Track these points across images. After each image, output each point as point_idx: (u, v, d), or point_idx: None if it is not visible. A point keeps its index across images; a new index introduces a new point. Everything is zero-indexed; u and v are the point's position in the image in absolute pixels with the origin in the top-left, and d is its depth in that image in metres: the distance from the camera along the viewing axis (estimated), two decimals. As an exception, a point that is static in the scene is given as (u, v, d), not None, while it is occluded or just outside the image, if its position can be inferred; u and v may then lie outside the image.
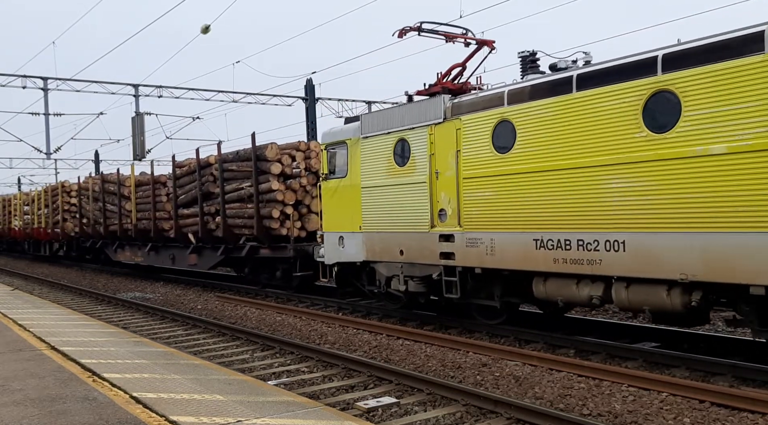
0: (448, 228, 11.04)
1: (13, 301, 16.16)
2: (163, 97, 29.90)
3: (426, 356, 9.85)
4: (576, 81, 9.11)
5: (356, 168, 12.96)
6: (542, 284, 9.75)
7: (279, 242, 17.17)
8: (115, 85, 29.16)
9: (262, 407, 6.26)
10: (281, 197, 16.97)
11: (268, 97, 32.38)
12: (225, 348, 11.30)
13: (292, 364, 9.84)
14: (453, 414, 7.12)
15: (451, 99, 11.18)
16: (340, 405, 7.50)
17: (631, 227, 8.46)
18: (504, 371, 8.76)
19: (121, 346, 9.79)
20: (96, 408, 6.13)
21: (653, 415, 6.77)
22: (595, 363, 8.79)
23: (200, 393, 6.80)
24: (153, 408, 6.11)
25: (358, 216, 12.86)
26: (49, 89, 27.40)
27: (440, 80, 11.79)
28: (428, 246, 11.35)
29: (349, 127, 13.36)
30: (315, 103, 31.02)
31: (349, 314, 14.16)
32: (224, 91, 31.57)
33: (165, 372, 7.88)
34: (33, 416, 5.92)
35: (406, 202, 11.79)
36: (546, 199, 9.46)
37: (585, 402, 7.26)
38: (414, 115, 11.68)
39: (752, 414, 6.70)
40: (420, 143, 11.52)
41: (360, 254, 12.90)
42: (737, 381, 7.83)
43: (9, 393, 6.74)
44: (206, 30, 22.04)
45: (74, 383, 7.15)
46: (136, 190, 24.14)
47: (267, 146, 17.50)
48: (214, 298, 17.82)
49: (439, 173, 11.18)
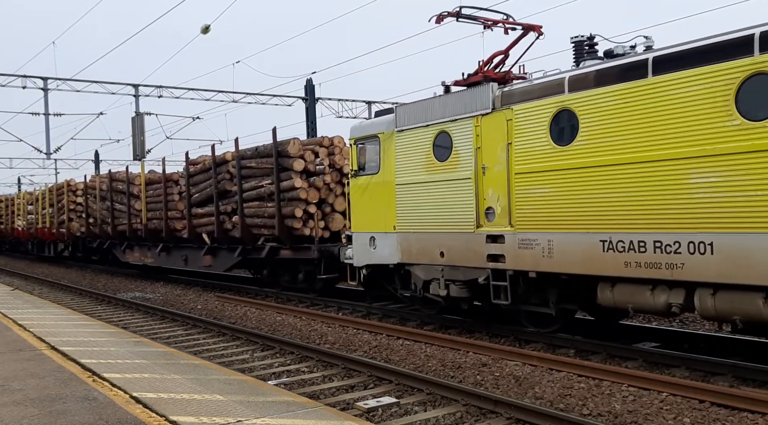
0: (496, 228, 10.17)
1: (13, 301, 16.16)
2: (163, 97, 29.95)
3: (426, 356, 9.84)
4: (652, 65, 8.22)
5: (390, 164, 12.11)
6: (609, 290, 8.83)
7: (301, 242, 16.38)
8: (115, 85, 29.19)
9: (262, 407, 6.26)
10: (304, 196, 16.17)
11: (268, 97, 32.40)
12: (225, 348, 11.29)
13: (292, 364, 9.83)
14: (453, 414, 7.12)
15: (500, 88, 10.31)
16: (340, 405, 7.50)
17: (720, 227, 7.58)
18: (504, 371, 8.76)
19: (121, 346, 9.78)
20: (96, 408, 6.13)
21: (653, 415, 6.76)
22: (595, 363, 8.79)
23: (200, 393, 6.79)
24: (153, 408, 6.10)
25: (392, 215, 12.02)
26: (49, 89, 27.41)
27: (481, 69, 10.91)
28: (473, 248, 10.48)
29: (382, 120, 12.48)
30: (315, 103, 31.03)
31: (349, 314, 14.15)
32: (224, 91, 31.60)
33: (165, 372, 7.88)
34: (33, 416, 5.92)
35: (448, 200, 10.92)
36: (616, 196, 8.57)
37: (585, 402, 7.26)
38: (457, 105, 10.77)
39: (752, 414, 6.70)
40: (464, 136, 10.63)
41: (394, 256, 12.07)
42: (737, 381, 7.82)
43: (9, 393, 6.74)
44: (206, 30, 22.05)
45: (74, 383, 7.15)
46: (146, 188, 23.27)
47: (289, 141, 16.75)
48: (214, 298, 17.81)
49: (486, 168, 10.29)
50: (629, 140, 8.43)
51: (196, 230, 19.99)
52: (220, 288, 19.92)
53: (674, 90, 8.01)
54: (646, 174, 8.26)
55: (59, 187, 32.44)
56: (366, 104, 34.77)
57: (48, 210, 33.22)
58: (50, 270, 30.08)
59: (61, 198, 31.72)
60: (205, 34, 22.12)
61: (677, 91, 7.98)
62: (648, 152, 8.23)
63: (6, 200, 43.39)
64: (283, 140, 17.02)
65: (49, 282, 24.03)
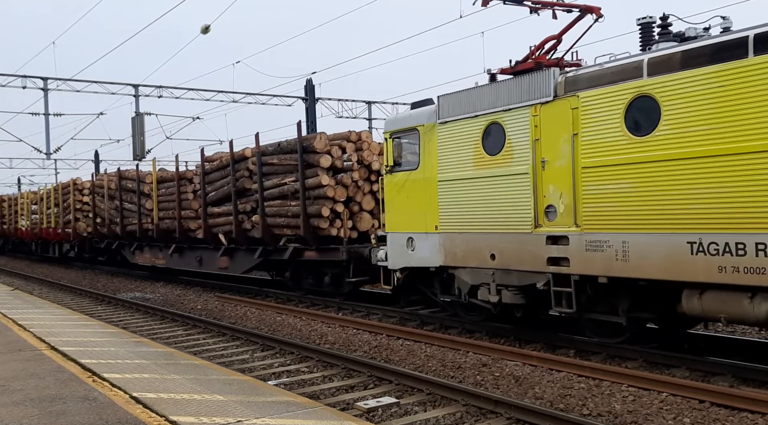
0: (559, 228, 9.22)
1: (13, 301, 16.16)
2: (163, 98, 30.00)
3: (426, 356, 9.84)
4: (753, 43, 7.31)
5: (431, 159, 11.18)
6: (697, 298, 7.88)
7: (327, 243, 15.51)
8: (115, 86, 29.24)
9: (262, 407, 6.26)
10: (331, 194, 15.22)
11: (268, 97, 32.44)
12: (225, 348, 11.29)
13: (292, 364, 9.83)
14: (453, 414, 7.12)
15: (562, 73, 9.40)
16: (340, 405, 7.50)
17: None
18: (504, 371, 8.76)
19: (121, 346, 9.78)
20: (96, 408, 6.13)
21: (653, 415, 6.77)
22: (595, 363, 8.79)
23: (200, 393, 6.79)
24: (153, 408, 6.10)
25: (434, 214, 11.13)
26: (49, 89, 27.44)
27: (532, 54, 10.13)
28: (531, 250, 9.55)
29: (421, 111, 11.58)
30: (315, 103, 31.06)
31: (349, 314, 14.15)
32: (224, 92, 31.64)
33: (165, 372, 7.88)
34: (33, 416, 5.92)
35: (500, 197, 10.02)
36: (707, 192, 7.63)
37: (585, 402, 7.26)
38: (511, 94, 9.90)
39: (752, 414, 6.70)
40: (519, 127, 9.74)
41: (435, 259, 11.16)
42: (737, 381, 7.82)
43: (9, 393, 6.74)
44: (206, 30, 22.05)
45: (74, 383, 7.15)
46: (158, 187, 22.32)
47: (315, 136, 15.89)
48: (214, 298, 17.81)
49: (546, 161, 9.37)
50: (725, 129, 7.50)
51: (212, 230, 19.16)
52: (220, 288, 19.91)
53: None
54: (748, 167, 7.30)
55: (65, 186, 31.50)
56: (366, 104, 34.82)
57: (53, 210, 32.40)
58: (50, 270, 30.07)
59: (66, 197, 30.80)
60: (205, 34, 22.13)
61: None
62: (750, 142, 7.30)
63: (9, 200, 42.55)
64: (308, 135, 16.22)
65: (49, 282, 24.03)
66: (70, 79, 27.96)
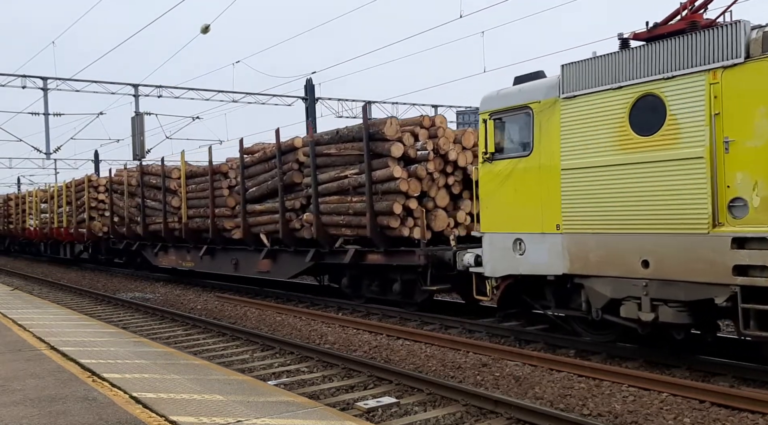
0: (753, 228, 7.27)
1: (13, 301, 16.15)
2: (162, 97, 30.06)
3: (426, 356, 9.84)
4: None
5: (550, 143, 9.29)
6: None
7: (397, 245, 13.54)
8: (114, 85, 29.29)
9: (262, 407, 6.25)
10: (405, 188, 13.07)
11: (268, 97, 32.49)
12: (225, 348, 11.29)
13: (292, 364, 9.83)
14: (453, 414, 7.11)
15: (756, 27, 7.43)
16: (340, 405, 7.49)
17: None
18: (504, 371, 8.76)
19: (120, 346, 9.78)
20: (96, 408, 6.12)
21: (653, 415, 6.77)
22: (595, 363, 8.79)
23: (200, 393, 6.79)
24: (153, 408, 6.10)
25: (554, 211, 9.23)
26: (49, 89, 27.47)
27: (681, 10, 8.33)
28: (706, 255, 7.59)
29: (535, 85, 9.70)
30: (315, 103, 31.09)
31: (349, 314, 14.15)
32: (224, 91, 31.69)
33: (165, 372, 7.88)
34: (33, 416, 5.92)
35: (656, 189, 8.07)
36: None
37: (585, 402, 7.26)
38: (674, 57, 8.00)
39: (752, 414, 6.70)
40: (689, 99, 7.84)
41: (556, 265, 9.25)
42: (737, 381, 7.83)
43: (9, 393, 6.73)
44: (206, 30, 22.06)
45: (74, 383, 7.15)
46: (187, 183, 20.37)
47: (385, 121, 13.65)
48: (213, 298, 17.81)
49: (731, 142, 7.46)
50: None
51: (252, 229, 17.20)
52: (220, 288, 19.91)
53: None
54: None
55: (78, 183, 29.46)
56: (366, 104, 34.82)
57: (65, 208, 30.19)
58: (50, 270, 30.06)
59: (80, 195, 28.73)
60: (205, 34, 22.14)
61: None
62: None
63: (16, 198, 40.19)
64: (376, 120, 14.12)
65: (49, 282, 24.03)
66: (70, 79, 28.01)
